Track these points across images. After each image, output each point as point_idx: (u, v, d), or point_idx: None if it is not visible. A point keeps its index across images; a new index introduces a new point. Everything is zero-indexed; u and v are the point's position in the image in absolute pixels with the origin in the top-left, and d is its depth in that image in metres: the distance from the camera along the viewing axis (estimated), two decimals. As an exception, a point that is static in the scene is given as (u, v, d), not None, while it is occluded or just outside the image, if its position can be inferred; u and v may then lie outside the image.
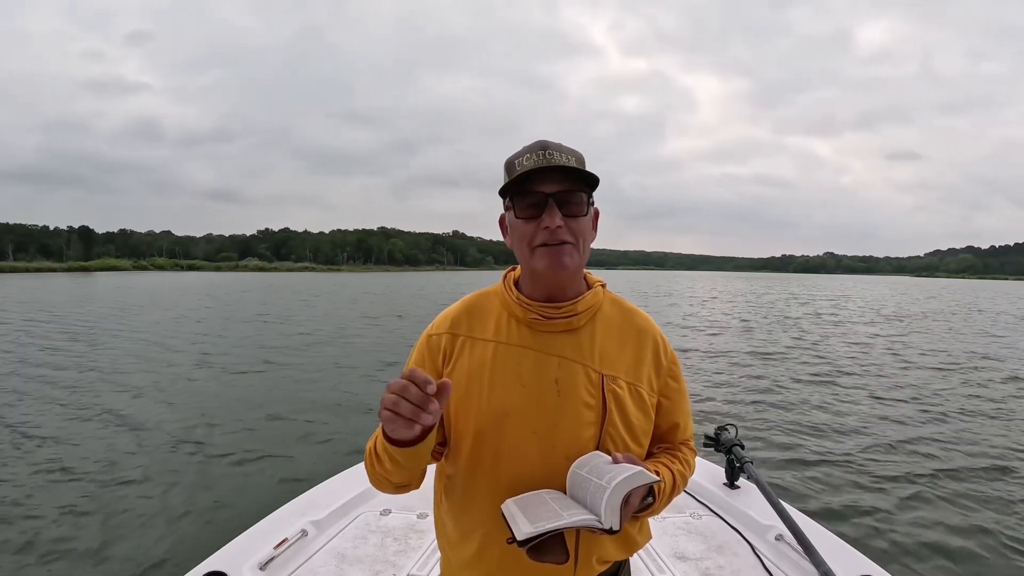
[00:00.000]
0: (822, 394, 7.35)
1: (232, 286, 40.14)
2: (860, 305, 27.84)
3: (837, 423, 5.94)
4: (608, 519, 0.77)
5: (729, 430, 2.34)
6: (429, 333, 1.00)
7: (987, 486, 4.21)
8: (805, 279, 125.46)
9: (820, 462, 4.70)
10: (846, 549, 1.74)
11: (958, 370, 9.37)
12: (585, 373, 0.92)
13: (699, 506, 2.16)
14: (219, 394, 7.02)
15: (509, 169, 0.90)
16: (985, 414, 6.39)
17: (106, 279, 54.92)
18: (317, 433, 5.43)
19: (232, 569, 1.57)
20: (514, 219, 0.91)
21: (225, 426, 5.61)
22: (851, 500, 3.95)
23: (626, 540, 0.98)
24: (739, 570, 1.73)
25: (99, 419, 5.82)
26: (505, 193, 0.91)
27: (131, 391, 7.09)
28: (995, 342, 13.49)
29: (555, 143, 0.88)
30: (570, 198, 0.88)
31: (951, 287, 78.83)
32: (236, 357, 9.85)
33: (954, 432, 5.64)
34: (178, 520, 3.53)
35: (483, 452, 0.91)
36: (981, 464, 4.69)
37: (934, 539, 3.39)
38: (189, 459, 4.66)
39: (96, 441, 5.10)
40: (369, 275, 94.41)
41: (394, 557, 1.78)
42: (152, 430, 5.44)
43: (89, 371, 8.40)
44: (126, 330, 13.66)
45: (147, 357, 9.73)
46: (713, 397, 7.12)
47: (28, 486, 4.04)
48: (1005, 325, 18.27)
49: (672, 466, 0.97)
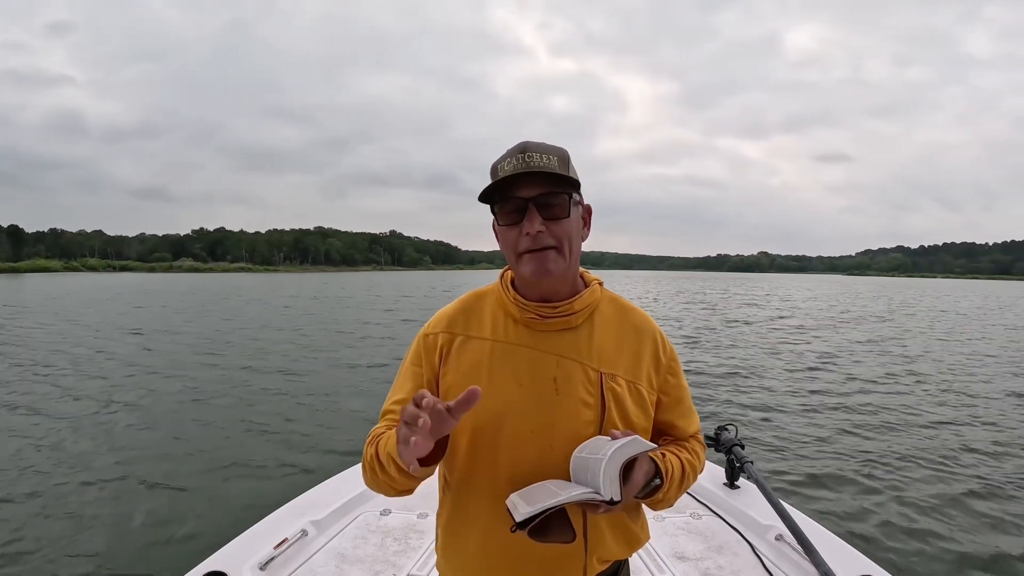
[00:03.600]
0: (822, 394, 7.34)
1: (222, 289, 39.69)
2: (833, 303, 27.88)
3: (837, 423, 5.93)
4: (607, 489, 0.75)
5: (729, 430, 2.34)
6: (425, 332, 0.99)
7: (987, 486, 4.21)
8: (743, 278, 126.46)
9: (820, 462, 4.70)
10: (846, 549, 1.74)
11: (960, 370, 9.38)
12: (583, 371, 0.91)
13: (699, 506, 2.16)
14: (218, 394, 7.01)
15: (492, 174, 0.88)
16: (986, 414, 6.40)
17: (36, 281, 51.44)
18: (317, 433, 5.43)
19: (232, 569, 1.57)
20: (498, 226, 0.90)
21: (225, 426, 5.61)
22: (851, 500, 3.95)
23: (627, 535, 0.97)
24: (739, 570, 1.73)
25: (99, 419, 5.82)
26: (487, 199, 0.90)
27: (131, 391, 7.09)
28: (992, 343, 13.49)
29: (536, 144, 0.86)
30: (550, 200, 0.86)
31: (887, 285, 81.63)
32: (235, 356, 9.86)
33: (954, 432, 5.64)
34: (178, 520, 3.53)
35: (480, 451, 0.91)
36: (981, 464, 4.69)
37: (934, 539, 3.39)
38: (189, 459, 4.65)
39: (95, 441, 5.09)
40: (307, 275, 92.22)
41: (394, 557, 1.78)
42: (152, 430, 5.44)
43: (88, 369, 8.41)
44: (123, 329, 13.65)
45: (145, 357, 9.73)
46: (713, 397, 7.12)
47: (29, 487, 4.04)
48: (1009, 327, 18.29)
49: (680, 454, 0.96)
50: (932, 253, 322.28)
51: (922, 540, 3.37)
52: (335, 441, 5.18)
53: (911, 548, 3.28)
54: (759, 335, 14.13)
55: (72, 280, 56.33)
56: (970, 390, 7.74)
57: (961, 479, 4.35)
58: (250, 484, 4.17)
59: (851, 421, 6.03)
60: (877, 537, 3.40)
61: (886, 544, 3.32)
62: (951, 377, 8.74)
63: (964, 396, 7.35)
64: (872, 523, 3.59)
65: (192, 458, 4.68)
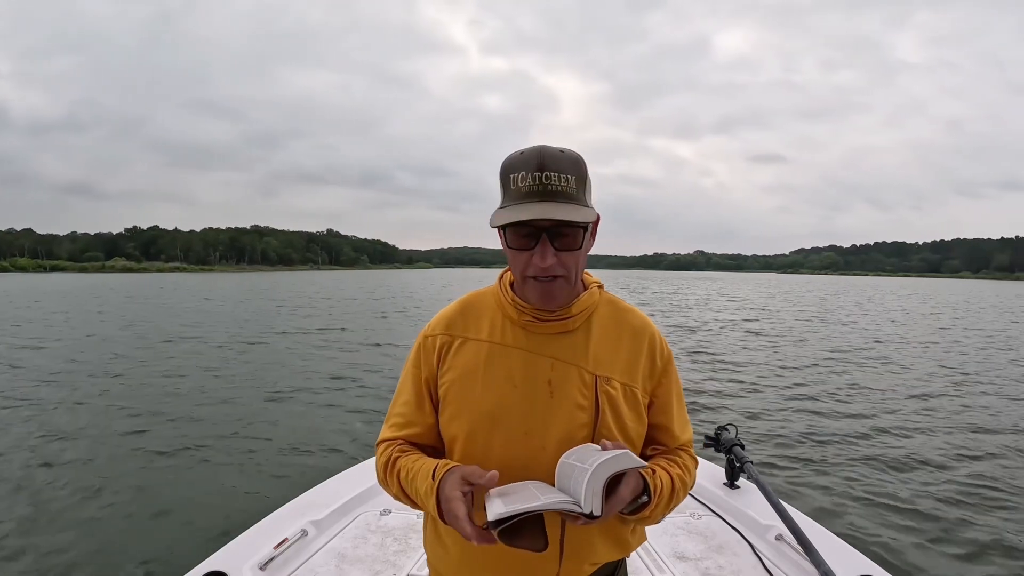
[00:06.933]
0: (822, 394, 7.34)
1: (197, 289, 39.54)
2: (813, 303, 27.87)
3: (837, 423, 5.93)
4: (588, 502, 0.73)
5: (729, 430, 2.34)
6: (425, 334, 1.00)
7: (987, 486, 4.20)
8: (681, 276, 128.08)
9: (820, 462, 4.70)
10: (846, 549, 1.74)
11: (961, 371, 9.38)
12: (579, 374, 0.91)
13: (699, 506, 2.16)
14: (217, 394, 7.02)
15: (504, 182, 0.85)
16: (985, 415, 6.39)
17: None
18: (317, 433, 5.43)
19: (232, 569, 1.57)
20: (506, 246, 0.89)
21: (225, 426, 5.61)
22: (851, 500, 3.94)
23: (618, 540, 0.96)
24: (739, 570, 1.73)
25: (98, 419, 5.82)
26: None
27: (129, 391, 7.09)
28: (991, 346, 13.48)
29: (552, 155, 0.81)
30: (565, 231, 0.83)
31: (818, 283, 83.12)
32: (233, 357, 9.86)
33: (955, 432, 5.63)
34: (178, 520, 3.53)
35: (474, 452, 0.91)
36: (981, 464, 4.69)
37: (934, 539, 3.39)
38: (189, 459, 4.65)
39: (94, 441, 5.10)
40: (244, 275, 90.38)
41: (394, 557, 1.78)
42: (152, 430, 5.44)
43: (86, 368, 8.42)
44: (123, 329, 13.67)
45: (143, 358, 9.74)
46: (712, 397, 7.12)
47: (28, 486, 4.04)
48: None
49: (671, 469, 0.94)
50: (864, 252, 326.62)
51: (922, 540, 3.37)
52: (335, 441, 5.17)
53: (911, 548, 3.27)
54: (738, 336, 14.12)
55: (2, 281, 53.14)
56: (973, 391, 7.73)
57: (961, 479, 4.34)
58: (250, 484, 4.17)
59: (851, 421, 6.02)
60: (877, 537, 3.40)
61: (886, 544, 3.31)
62: (952, 377, 8.73)
63: (964, 396, 7.34)
64: (872, 523, 3.59)
65: (192, 458, 4.67)
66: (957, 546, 3.30)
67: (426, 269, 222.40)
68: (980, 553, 3.23)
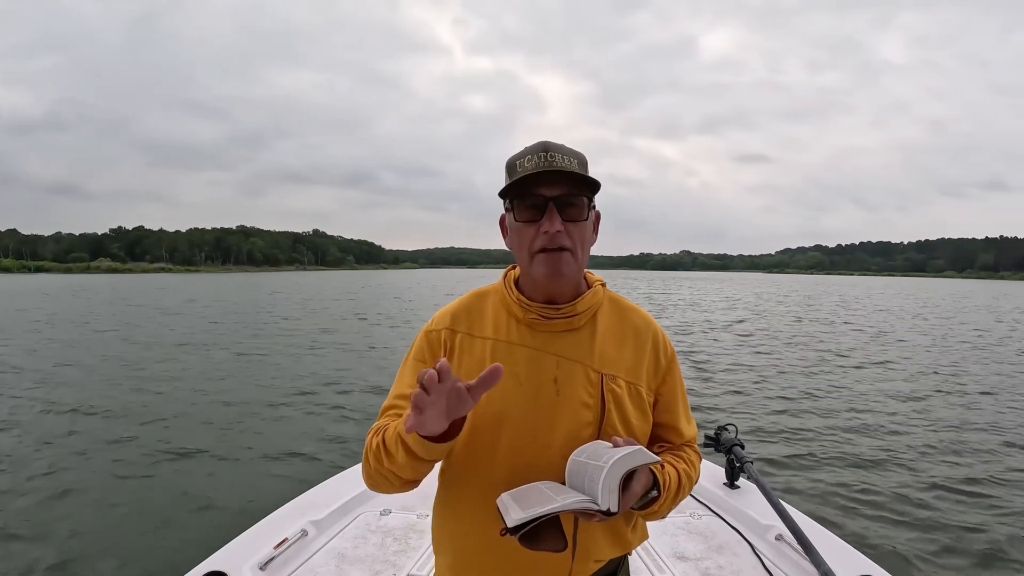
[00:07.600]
0: (822, 395, 7.34)
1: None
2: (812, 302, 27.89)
3: (837, 423, 5.93)
4: (605, 499, 0.73)
5: (729, 430, 2.34)
6: (428, 329, 0.99)
7: (987, 486, 4.21)
8: (668, 276, 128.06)
9: (821, 462, 4.70)
10: (846, 549, 1.74)
11: (961, 371, 9.38)
12: (584, 372, 0.92)
13: (699, 506, 2.16)
14: (217, 395, 7.01)
15: (510, 170, 0.89)
16: (984, 415, 6.40)
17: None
18: (317, 433, 5.43)
19: (232, 569, 1.57)
20: (514, 222, 0.90)
21: (224, 426, 5.61)
22: (852, 500, 3.94)
23: (620, 538, 0.96)
24: (739, 570, 1.73)
25: (97, 420, 5.81)
26: (505, 195, 0.90)
27: (128, 390, 7.09)
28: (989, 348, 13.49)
29: (557, 144, 0.87)
30: (571, 201, 0.87)
31: (805, 282, 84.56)
32: (234, 356, 9.85)
33: (954, 432, 5.64)
34: (178, 520, 3.53)
35: (479, 450, 0.91)
36: (982, 464, 4.69)
37: (934, 539, 3.39)
38: (189, 459, 4.65)
39: (93, 441, 5.09)
40: (229, 276, 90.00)
41: (394, 557, 1.78)
42: (152, 431, 5.43)
43: (85, 368, 8.41)
44: (125, 327, 13.64)
45: (143, 357, 9.73)
46: (713, 397, 7.12)
47: (28, 487, 4.04)
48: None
49: (677, 465, 0.95)
50: (849, 252, 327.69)
51: (922, 540, 3.37)
52: (335, 441, 5.17)
53: (911, 548, 3.27)
54: (734, 337, 14.12)
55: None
56: (973, 391, 7.74)
57: (961, 479, 4.34)
58: (250, 484, 4.16)
59: (851, 421, 6.03)
60: (877, 537, 3.40)
61: (886, 544, 3.31)
62: (952, 378, 8.73)
63: (965, 397, 7.35)
64: (872, 523, 3.59)
65: (192, 458, 4.67)
66: (957, 546, 3.31)
67: (412, 269, 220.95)
68: (980, 553, 3.24)
